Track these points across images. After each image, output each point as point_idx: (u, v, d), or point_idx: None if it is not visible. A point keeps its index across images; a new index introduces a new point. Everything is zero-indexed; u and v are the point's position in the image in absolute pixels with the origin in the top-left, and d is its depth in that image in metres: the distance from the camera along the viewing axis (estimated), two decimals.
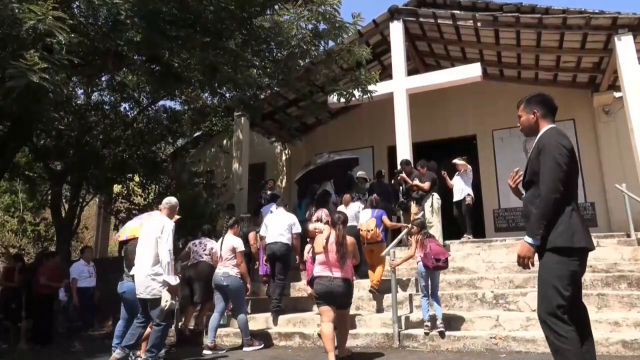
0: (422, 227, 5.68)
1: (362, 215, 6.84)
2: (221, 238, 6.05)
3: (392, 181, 9.36)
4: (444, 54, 11.36)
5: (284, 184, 12.86)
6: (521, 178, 2.84)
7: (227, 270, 5.74)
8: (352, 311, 6.27)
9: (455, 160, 8.66)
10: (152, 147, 11.21)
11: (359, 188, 9.01)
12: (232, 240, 5.93)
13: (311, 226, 5.89)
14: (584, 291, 5.45)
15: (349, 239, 4.83)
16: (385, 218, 6.65)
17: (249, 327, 5.81)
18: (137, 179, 10.90)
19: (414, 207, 7.93)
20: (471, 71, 9.13)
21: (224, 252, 5.85)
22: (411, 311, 5.99)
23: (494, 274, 6.38)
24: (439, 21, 9.56)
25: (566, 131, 11.25)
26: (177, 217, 5.37)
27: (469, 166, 8.64)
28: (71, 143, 9.86)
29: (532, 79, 11.14)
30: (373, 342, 5.47)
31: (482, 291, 5.91)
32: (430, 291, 5.38)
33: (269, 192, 10.04)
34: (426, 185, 7.69)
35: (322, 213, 6.95)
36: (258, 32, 7.04)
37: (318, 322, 6.11)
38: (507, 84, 11.47)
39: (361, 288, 6.52)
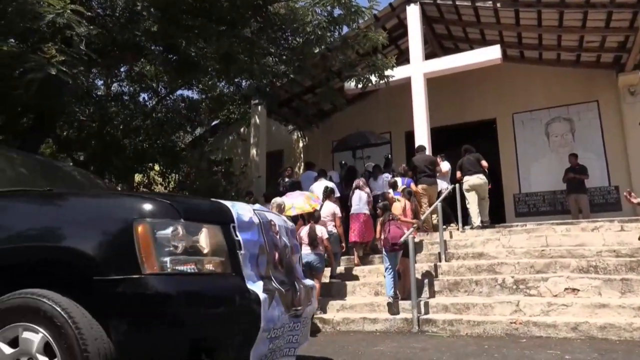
0: (385, 209, 6.36)
1: None
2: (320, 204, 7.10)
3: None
4: (463, 36, 11.14)
5: (301, 171, 12.88)
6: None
7: (331, 229, 6.85)
8: (370, 297, 6.36)
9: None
10: (171, 137, 11.35)
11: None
12: (332, 206, 7.08)
13: (390, 195, 7.18)
14: (606, 276, 5.41)
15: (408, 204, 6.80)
16: (413, 185, 7.84)
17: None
18: (157, 168, 11.06)
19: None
20: (490, 53, 8.95)
21: (323, 214, 6.90)
22: (431, 296, 6.00)
23: (514, 259, 6.32)
24: (457, 3, 9.37)
25: (589, 113, 10.96)
26: None
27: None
28: (92, 134, 10.04)
29: (554, 60, 10.87)
30: (392, 327, 5.51)
31: (502, 276, 5.87)
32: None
33: (287, 180, 10.09)
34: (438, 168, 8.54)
35: (360, 181, 8.00)
36: (273, 19, 7.01)
37: (337, 307, 6.20)
38: (527, 66, 11.22)
39: (380, 274, 6.55)
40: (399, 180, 7.80)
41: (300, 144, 13.51)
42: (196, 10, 6.42)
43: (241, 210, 2.37)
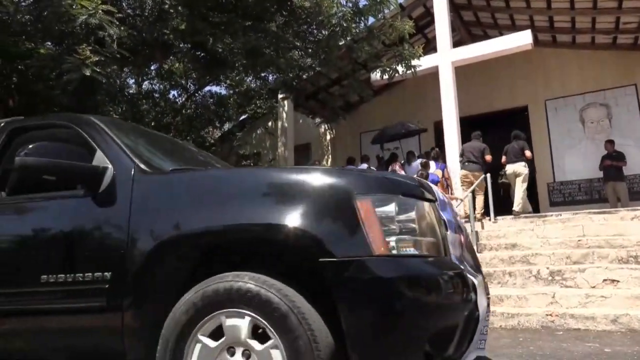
0: None
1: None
2: None
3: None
4: (491, 22, 10.88)
5: (329, 164, 12.90)
6: None
7: None
8: None
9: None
10: (201, 132, 11.57)
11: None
12: None
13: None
14: None
15: None
16: (445, 170, 8.41)
17: None
18: None
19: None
20: (521, 39, 8.71)
21: None
22: None
23: (549, 250, 6.17)
24: None
25: (627, 97, 10.54)
26: None
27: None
28: None
29: (589, 43, 10.49)
30: None
31: (537, 267, 5.75)
32: None
33: None
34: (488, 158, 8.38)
35: (397, 165, 8.68)
36: (298, 12, 7.02)
37: None
38: (560, 50, 10.87)
39: None
40: (432, 164, 8.14)
41: (328, 137, 13.52)
42: (222, 6, 6.49)
43: (434, 187, 2.12)
